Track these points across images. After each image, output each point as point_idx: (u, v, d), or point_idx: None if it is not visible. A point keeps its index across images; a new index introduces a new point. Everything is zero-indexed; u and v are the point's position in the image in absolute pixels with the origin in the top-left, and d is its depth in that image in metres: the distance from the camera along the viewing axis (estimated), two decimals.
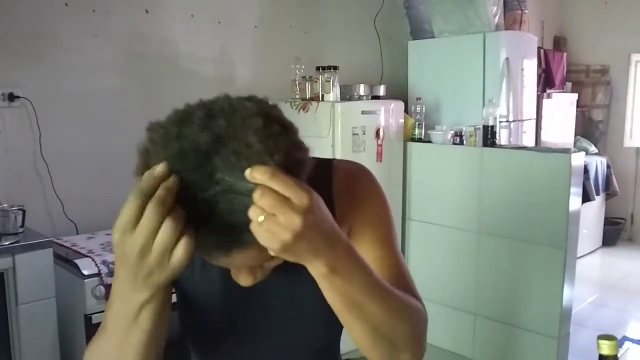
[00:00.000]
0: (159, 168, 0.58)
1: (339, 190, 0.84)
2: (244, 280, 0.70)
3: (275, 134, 0.60)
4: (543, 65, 4.89)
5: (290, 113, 2.96)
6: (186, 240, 0.58)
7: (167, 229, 0.57)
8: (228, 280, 0.73)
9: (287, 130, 0.64)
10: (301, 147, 0.64)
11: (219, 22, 3.05)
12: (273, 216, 0.56)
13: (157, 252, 0.58)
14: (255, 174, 0.57)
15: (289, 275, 0.74)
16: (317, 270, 0.63)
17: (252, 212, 0.57)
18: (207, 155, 0.59)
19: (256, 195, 0.56)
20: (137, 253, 0.58)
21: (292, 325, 0.87)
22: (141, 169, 0.62)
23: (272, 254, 0.59)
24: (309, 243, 0.59)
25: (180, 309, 0.89)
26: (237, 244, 0.61)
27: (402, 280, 0.80)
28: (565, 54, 5.30)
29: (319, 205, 0.60)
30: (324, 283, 0.65)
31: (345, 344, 1.02)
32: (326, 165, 0.86)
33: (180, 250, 0.58)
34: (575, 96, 5.13)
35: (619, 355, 0.84)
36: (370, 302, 0.67)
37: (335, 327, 0.89)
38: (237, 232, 0.59)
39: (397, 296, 0.72)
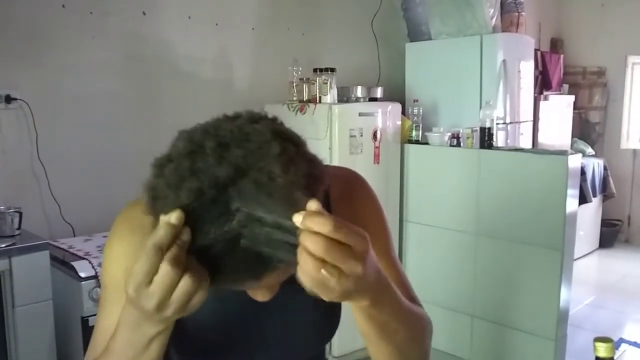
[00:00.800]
0: (174, 220, 0.55)
1: (337, 199, 0.83)
2: (262, 296, 0.69)
3: (294, 156, 0.59)
4: (540, 67, 4.90)
5: (287, 115, 2.96)
6: (204, 288, 0.57)
7: (186, 284, 0.55)
8: (221, 294, 0.72)
9: (300, 147, 0.62)
10: (316, 162, 0.63)
11: (217, 24, 3.05)
12: (334, 265, 0.55)
13: (176, 306, 0.57)
14: (313, 225, 0.54)
15: (282, 286, 0.72)
16: (359, 303, 0.63)
17: (313, 266, 0.54)
18: (224, 188, 0.56)
19: (319, 249, 0.53)
20: (154, 307, 0.56)
21: (287, 337, 0.86)
22: (152, 208, 0.58)
23: (325, 299, 0.57)
24: (363, 284, 0.58)
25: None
26: (268, 269, 0.59)
27: (405, 290, 0.82)
28: (562, 56, 5.31)
29: (370, 245, 0.59)
30: (361, 314, 0.66)
31: (343, 345, 1.02)
32: None
33: (198, 298, 0.57)
34: (572, 98, 5.14)
35: (615, 358, 0.84)
36: (398, 325, 0.70)
37: (326, 335, 0.90)
38: (266, 259, 0.58)
39: (415, 313, 0.75)
